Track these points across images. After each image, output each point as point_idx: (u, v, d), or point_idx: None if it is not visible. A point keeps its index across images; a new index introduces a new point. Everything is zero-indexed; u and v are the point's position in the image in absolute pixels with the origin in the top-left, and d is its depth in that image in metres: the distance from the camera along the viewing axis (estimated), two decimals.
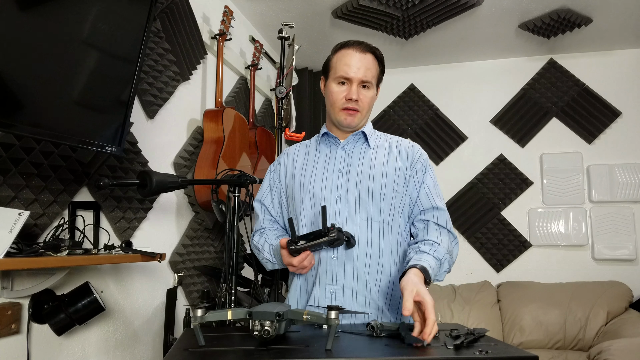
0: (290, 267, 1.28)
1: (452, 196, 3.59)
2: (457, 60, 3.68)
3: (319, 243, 1.20)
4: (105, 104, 1.49)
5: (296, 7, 2.81)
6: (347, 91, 1.34)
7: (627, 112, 3.35)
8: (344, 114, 1.35)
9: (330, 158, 1.40)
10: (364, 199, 1.31)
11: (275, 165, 1.51)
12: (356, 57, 1.33)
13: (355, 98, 1.32)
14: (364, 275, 1.29)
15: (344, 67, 1.33)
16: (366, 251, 1.29)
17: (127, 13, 1.51)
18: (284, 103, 2.49)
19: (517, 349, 0.94)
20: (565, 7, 2.78)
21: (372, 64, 1.35)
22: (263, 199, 1.48)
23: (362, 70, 1.32)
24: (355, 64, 1.32)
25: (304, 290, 1.36)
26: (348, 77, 1.32)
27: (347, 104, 1.34)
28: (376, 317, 1.29)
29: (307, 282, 1.35)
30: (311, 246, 1.21)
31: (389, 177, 1.34)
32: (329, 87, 1.38)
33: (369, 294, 1.29)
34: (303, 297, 1.36)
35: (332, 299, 1.28)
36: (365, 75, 1.33)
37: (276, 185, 1.47)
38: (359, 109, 1.35)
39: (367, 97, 1.35)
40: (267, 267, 1.44)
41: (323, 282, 1.29)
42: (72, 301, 1.45)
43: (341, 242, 1.22)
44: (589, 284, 3.05)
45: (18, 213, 1.20)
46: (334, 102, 1.36)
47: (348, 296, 1.28)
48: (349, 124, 1.36)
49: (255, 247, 1.45)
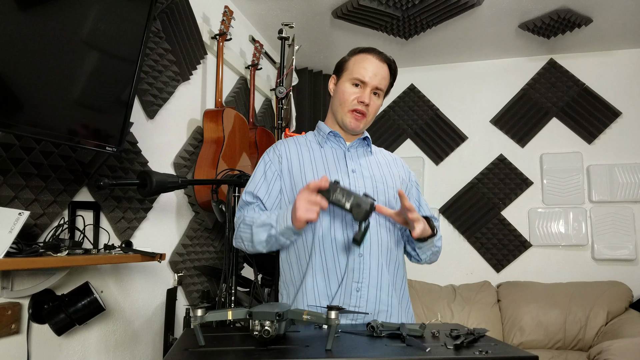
0: (301, 193, 1.18)
1: (452, 196, 3.59)
2: (457, 60, 3.68)
3: (353, 193, 1.15)
4: (105, 104, 1.49)
5: (296, 7, 2.81)
6: (359, 93, 1.36)
7: (627, 112, 3.35)
8: (351, 116, 1.37)
9: (339, 158, 1.40)
10: (381, 201, 1.34)
11: (271, 155, 1.41)
12: (375, 64, 1.37)
13: (367, 102, 1.35)
14: (387, 274, 1.31)
15: (362, 70, 1.35)
16: (387, 251, 1.33)
17: (127, 13, 1.51)
18: (284, 103, 2.49)
19: (517, 349, 0.94)
20: (565, 7, 2.78)
21: (387, 75, 1.40)
22: (256, 190, 1.36)
23: (378, 77, 1.36)
24: (373, 70, 1.36)
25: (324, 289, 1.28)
26: (364, 80, 1.35)
27: (358, 106, 1.36)
28: (396, 316, 1.31)
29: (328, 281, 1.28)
30: (344, 190, 1.16)
31: (397, 184, 1.41)
32: (342, 86, 1.39)
33: (391, 293, 1.31)
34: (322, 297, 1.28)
35: (357, 297, 1.27)
36: (380, 83, 1.37)
37: (275, 177, 1.37)
38: (367, 114, 1.37)
39: (375, 104, 1.39)
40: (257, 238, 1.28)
41: (350, 280, 1.27)
42: (72, 301, 1.45)
43: (367, 215, 1.15)
44: (589, 284, 3.05)
45: (18, 213, 1.20)
46: (344, 102, 1.37)
47: (372, 294, 1.28)
48: (354, 127, 1.38)
49: (247, 223, 1.31)
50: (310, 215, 1.15)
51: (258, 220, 1.29)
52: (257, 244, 1.30)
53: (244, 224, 1.33)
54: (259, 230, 1.28)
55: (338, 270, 1.28)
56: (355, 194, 1.17)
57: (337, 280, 1.28)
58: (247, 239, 1.32)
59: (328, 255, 1.29)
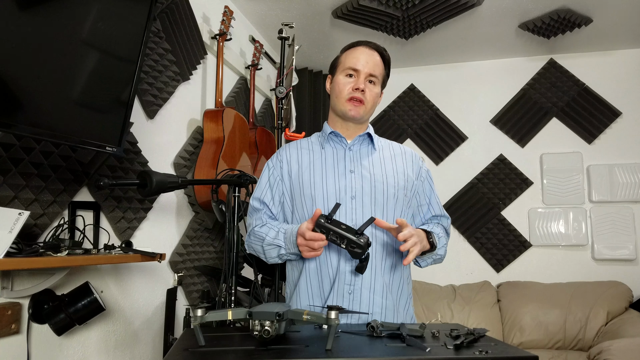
0: (300, 239, 1.22)
1: (452, 196, 3.59)
2: (457, 60, 3.68)
3: (346, 236, 1.15)
4: (105, 104, 1.49)
5: (296, 7, 2.81)
6: (354, 82, 1.36)
7: (627, 112, 3.35)
8: (349, 105, 1.36)
9: (339, 158, 1.39)
10: (379, 201, 1.33)
11: (274, 161, 1.45)
12: (366, 53, 1.38)
13: (362, 88, 1.35)
14: (381, 276, 1.30)
15: (353, 60, 1.37)
16: (382, 252, 1.32)
17: (127, 13, 1.51)
18: (284, 103, 2.49)
19: (517, 349, 0.95)
20: (565, 7, 2.78)
21: (380, 62, 1.40)
22: (262, 196, 1.42)
23: (370, 64, 1.37)
24: (365, 58, 1.37)
25: (317, 290, 1.31)
26: (356, 68, 1.36)
27: (354, 94, 1.36)
28: (391, 317, 1.30)
29: (321, 283, 1.31)
30: (337, 233, 1.16)
31: (400, 182, 1.38)
32: (336, 79, 1.40)
33: (385, 295, 1.30)
34: (316, 297, 1.31)
35: (350, 299, 1.27)
36: (373, 70, 1.37)
37: (277, 182, 1.41)
38: (365, 100, 1.36)
39: (372, 92, 1.38)
40: (269, 254, 1.35)
41: (342, 282, 1.28)
42: (72, 301, 1.45)
43: (361, 254, 1.17)
44: (589, 284, 3.05)
45: (18, 213, 1.20)
46: (340, 92, 1.37)
47: (365, 297, 1.28)
48: (354, 115, 1.37)
49: (258, 236, 1.37)
50: (313, 254, 1.23)
51: (267, 237, 1.34)
52: (270, 259, 1.38)
53: (255, 236, 1.38)
54: (269, 249, 1.35)
55: (331, 273, 1.30)
56: (350, 230, 1.16)
57: (330, 283, 1.29)
58: (260, 252, 1.39)
59: (321, 258, 1.30)
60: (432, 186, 1.48)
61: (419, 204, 1.45)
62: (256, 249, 1.39)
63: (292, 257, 1.34)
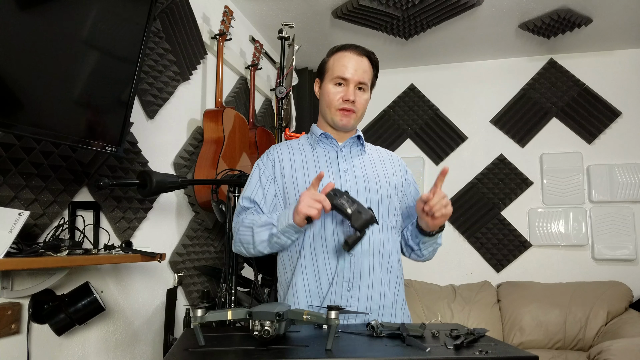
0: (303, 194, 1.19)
1: (452, 196, 3.59)
2: (457, 60, 3.68)
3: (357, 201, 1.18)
4: (105, 104, 1.49)
5: (296, 7, 2.81)
6: (344, 92, 1.36)
7: (627, 112, 3.35)
8: (340, 115, 1.37)
9: (332, 158, 1.40)
10: (374, 200, 1.34)
11: (264, 161, 1.42)
12: (353, 60, 1.36)
13: (352, 99, 1.35)
14: (379, 273, 1.31)
15: (342, 68, 1.35)
16: (380, 250, 1.32)
17: (127, 13, 1.51)
18: (284, 103, 2.49)
19: (517, 349, 0.95)
20: (565, 7, 2.78)
21: (368, 67, 1.39)
22: (253, 195, 1.37)
23: (359, 72, 1.36)
24: (353, 66, 1.35)
25: (315, 289, 1.29)
26: (345, 77, 1.35)
27: (344, 105, 1.36)
28: (389, 315, 1.30)
29: (319, 281, 1.29)
30: (349, 197, 1.17)
31: (391, 182, 1.41)
32: (325, 88, 1.40)
33: (383, 292, 1.30)
34: (314, 296, 1.29)
35: (348, 296, 1.27)
36: (362, 77, 1.36)
37: (269, 181, 1.39)
38: (355, 110, 1.37)
39: (362, 99, 1.39)
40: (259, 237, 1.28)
41: (340, 280, 1.27)
42: (72, 301, 1.45)
43: (365, 225, 1.17)
44: (589, 284, 3.05)
45: (18, 213, 1.20)
46: (331, 103, 1.38)
47: (364, 294, 1.28)
48: (345, 124, 1.38)
49: (247, 224, 1.31)
50: (311, 211, 1.15)
51: (259, 221, 1.30)
52: (258, 244, 1.30)
53: (244, 226, 1.33)
54: (260, 230, 1.28)
55: (329, 270, 1.29)
56: (360, 203, 1.18)
57: (328, 280, 1.29)
58: (248, 241, 1.32)
59: (319, 255, 1.30)
60: (418, 190, 1.52)
61: (408, 205, 1.47)
62: (244, 239, 1.32)
63: (283, 240, 1.26)
